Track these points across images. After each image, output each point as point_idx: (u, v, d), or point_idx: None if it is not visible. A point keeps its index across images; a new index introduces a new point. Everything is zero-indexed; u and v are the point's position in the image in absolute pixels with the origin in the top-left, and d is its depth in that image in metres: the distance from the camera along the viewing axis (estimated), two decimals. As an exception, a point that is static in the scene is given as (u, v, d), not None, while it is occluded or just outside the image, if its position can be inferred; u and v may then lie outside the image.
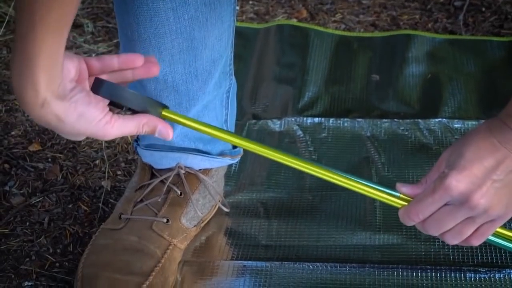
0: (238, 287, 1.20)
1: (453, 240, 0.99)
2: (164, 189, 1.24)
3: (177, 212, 1.24)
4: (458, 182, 0.94)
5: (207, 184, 1.28)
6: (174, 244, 1.21)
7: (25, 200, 1.38)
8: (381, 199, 1.06)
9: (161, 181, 1.25)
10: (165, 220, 1.22)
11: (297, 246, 1.28)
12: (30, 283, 1.22)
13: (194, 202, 1.25)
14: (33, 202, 1.37)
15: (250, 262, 1.24)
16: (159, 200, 1.24)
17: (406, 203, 1.03)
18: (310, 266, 1.22)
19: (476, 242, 1.00)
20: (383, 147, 1.50)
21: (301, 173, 1.43)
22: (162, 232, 1.21)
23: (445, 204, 0.97)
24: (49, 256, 1.26)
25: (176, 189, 1.24)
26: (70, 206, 1.36)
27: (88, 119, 0.95)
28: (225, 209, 1.31)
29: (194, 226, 1.26)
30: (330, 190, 1.39)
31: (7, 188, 1.40)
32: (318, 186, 1.41)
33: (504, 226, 1.03)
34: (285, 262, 1.24)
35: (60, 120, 0.93)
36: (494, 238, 1.03)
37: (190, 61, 1.16)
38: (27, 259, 1.26)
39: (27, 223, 1.33)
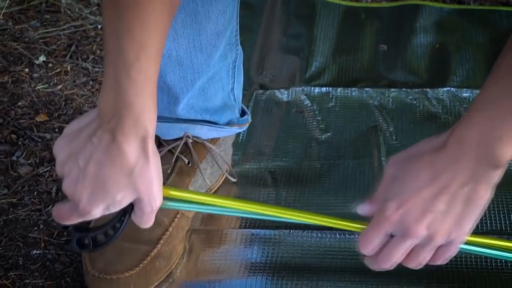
0: (246, 255, 1.20)
1: (412, 266, 0.95)
2: (172, 159, 1.23)
3: (184, 181, 1.23)
4: (397, 215, 0.90)
5: (215, 153, 1.27)
6: (181, 213, 1.21)
7: (32, 170, 1.37)
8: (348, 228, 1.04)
9: (169, 150, 1.25)
10: (173, 189, 1.21)
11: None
12: (38, 252, 1.22)
13: (202, 171, 1.25)
14: (41, 172, 1.37)
15: (258, 230, 1.24)
16: (167, 169, 1.23)
17: None
18: (319, 234, 1.22)
19: (438, 262, 0.96)
20: (391, 116, 1.49)
21: (309, 142, 1.44)
22: (170, 201, 1.20)
23: (392, 235, 0.93)
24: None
25: (183, 158, 1.24)
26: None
27: (160, 175, 0.93)
28: (232, 179, 1.31)
29: (202, 194, 1.26)
30: (338, 159, 1.39)
31: (14, 158, 1.40)
32: (326, 155, 1.40)
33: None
34: (294, 230, 1.23)
35: (147, 159, 0.90)
36: (468, 247, 1.01)
37: (194, 35, 1.15)
38: (35, 228, 1.26)
39: (35, 193, 1.33)
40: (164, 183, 1.19)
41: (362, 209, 0.98)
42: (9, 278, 1.18)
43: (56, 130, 1.46)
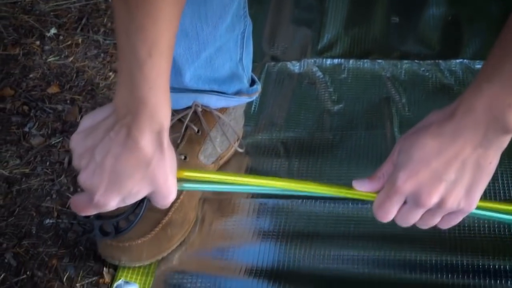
0: (258, 224, 1.20)
1: (423, 227, 0.98)
2: (182, 127, 1.23)
3: (194, 149, 1.23)
4: (406, 186, 0.91)
5: (224, 122, 1.27)
6: (193, 181, 1.21)
7: (44, 140, 1.37)
8: (359, 197, 1.03)
9: (179, 119, 1.24)
10: (182, 157, 1.21)
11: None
12: (51, 221, 1.22)
13: (212, 139, 1.25)
14: (53, 142, 1.37)
15: (270, 200, 1.24)
16: (177, 138, 1.23)
17: None
18: (331, 204, 1.22)
19: (444, 227, 0.97)
20: (403, 88, 1.49)
21: (321, 113, 1.43)
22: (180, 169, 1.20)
23: (405, 202, 0.95)
24: (69, 195, 1.26)
25: (193, 127, 1.24)
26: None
27: (174, 168, 0.96)
28: (240, 150, 1.31)
29: (212, 163, 1.26)
30: (351, 130, 1.38)
31: (26, 129, 1.40)
32: (339, 126, 1.40)
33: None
34: (306, 200, 1.23)
35: (162, 153, 0.92)
36: (478, 211, 1.01)
37: (200, 7, 1.15)
38: (48, 197, 1.27)
39: (47, 163, 1.33)
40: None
41: (361, 185, 0.99)
42: (22, 247, 1.18)
43: (68, 101, 1.46)
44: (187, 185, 1.03)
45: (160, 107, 0.90)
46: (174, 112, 1.26)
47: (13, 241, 1.19)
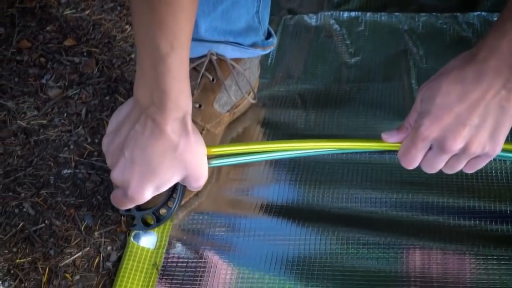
0: (274, 173, 1.20)
1: (449, 172, 0.98)
2: (197, 76, 1.23)
3: (209, 98, 1.23)
4: (431, 132, 0.92)
5: (239, 71, 1.26)
6: (207, 129, 1.21)
7: (62, 92, 1.38)
8: (384, 148, 1.04)
9: (193, 68, 1.24)
10: (197, 106, 1.21)
11: (336, 135, 1.27)
12: (69, 171, 1.23)
13: (226, 87, 1.24)
14: (70, 94, 1.37)
15: (287, 150, 1.24)
16: (192, 85, 1.23)
17: None
18: (349, 153, 1.22)
19: (470, 171, 0.98)
20: (421, 40, 1.48)
21: (338, 65, 1.43)
22: (195, 117, 1.20)
23: (431, 148, 0.95)
24: (87, 146, 1.27)
25: (208, 75, 1.23)
26: (107, 98, 1.36)
27: (203, 149, 1.00)
28: (252, 101, 1.31)
29: (227, 111, 1.26)
30: (368, 82, 1.38)
31: (43, 81, 1.40)
32: (356, 78, 1.39)
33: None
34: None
35: (188, 135, 0.96)
36: (503, 154, 1.01)
37: None
38: (66, 148, 1.27)
39: (65, 114, 1.33)
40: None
41: (391, 137, 0.99)
42: (40, 196, 1.19)
43: (85, 54, 1.46)
44: (215, 162, 1.06)
45: (183, 94, 0.94)
46: (190, 60, 1.25)
47: (31, 191, 1.20)
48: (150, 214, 1.10)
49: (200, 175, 1.01)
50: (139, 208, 1.11)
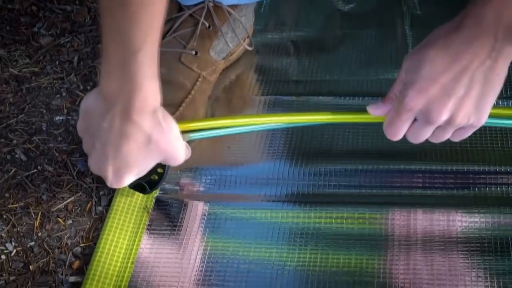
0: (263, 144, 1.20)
1: (435, 142, 0.98)
2: (193, 23, 1.22)
3: (205, 45, 1.22)
4: (415, 103, 0.90)
5: (235, 18, 1.26)
6: (203, 77, 1.20)
7: (53, 40, 1.37)
8: (370, 121, 1.03)
9: (190, 15, 1.23)
10: (193, 53, 1.20)
11: (329, 81, 1.27)
12: (61, 118, 1.23)
13: (223, 34, 1.24)
14: (62, 42, 1.36)
15: (280, 96, 1.24)
16: (188, 33, 1.22)
17: None
18: (342, 99, 1.22)
19: (456, 139, 0.97)
20: (415, -13, 1.47)
21: (331, 13, 1.42)
22: (191, 64, 1.20)
23: (416, 119, 0.94)
24: (79, 93, 1.27)
25: (205, 22, 1.23)
26: (99, 45, 1.35)
27: (176, 134, 0.99)
28: (249, 48, 1.30)
29: (223, 59, 1.25)
30: (361, 28, 1.37)
31: (35, 29, 1.39)
32: (349, 25, 1.39)
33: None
34: (316, 96, 1.23)
35: (159, 124, 0.95)
36: (490, 120, 1.00)
37: None
38: (58, 95, 1.27)
39: (57, 62, 1.33)
40: (184, 47, 1.19)
41: (376, 109, 0.99)
42: (33, 143, 1.19)
43: (77, 2, 1.45)
44: (194, 135, 1.05)
45: (153, 92, 0.93)
46: (186, 7, 1.25)
47: (23, 137, 1.20)
48: (143, 183, 1.08)
49: (177, 157, 1.01)
50: None
